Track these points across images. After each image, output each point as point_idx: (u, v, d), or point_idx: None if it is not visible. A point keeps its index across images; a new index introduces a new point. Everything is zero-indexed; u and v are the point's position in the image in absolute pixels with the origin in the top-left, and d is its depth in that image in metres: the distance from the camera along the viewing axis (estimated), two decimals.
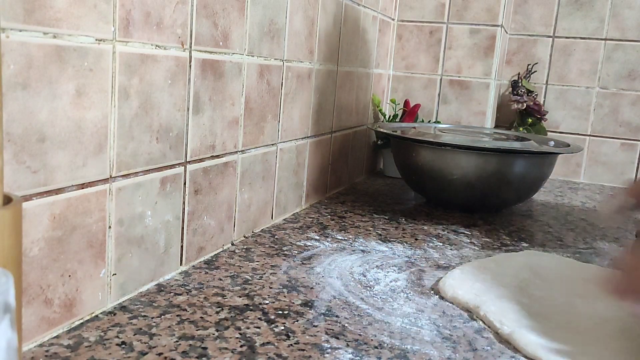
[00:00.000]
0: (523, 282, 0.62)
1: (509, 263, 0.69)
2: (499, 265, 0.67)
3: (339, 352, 0.46)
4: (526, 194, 0.99)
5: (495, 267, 0.66)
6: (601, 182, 1.41)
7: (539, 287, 0.61)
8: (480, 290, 0.59)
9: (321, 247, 0.72)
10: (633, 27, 1.35)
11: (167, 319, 0.49)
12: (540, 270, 0.67)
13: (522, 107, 1.37)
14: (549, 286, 0.62)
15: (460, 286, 0.60)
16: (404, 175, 1.04)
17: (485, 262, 0.68)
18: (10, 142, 0.39)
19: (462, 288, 0.59)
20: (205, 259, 0.64)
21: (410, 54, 1.32)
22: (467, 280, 0.61)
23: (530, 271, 0.66)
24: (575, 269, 0.69)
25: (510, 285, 0.61)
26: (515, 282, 0.62)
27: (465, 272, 0.64)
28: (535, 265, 0.68)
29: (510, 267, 0.67)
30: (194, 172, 0.61)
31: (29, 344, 0.43)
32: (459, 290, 0.59)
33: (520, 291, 0.60)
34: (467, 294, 0.58)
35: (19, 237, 0.28)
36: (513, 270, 0.66)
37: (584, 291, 0.61)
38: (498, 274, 0.64)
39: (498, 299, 0.57)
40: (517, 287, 0.61)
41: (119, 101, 0.48)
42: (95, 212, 0.47)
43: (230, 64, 0.65)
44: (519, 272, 0.65)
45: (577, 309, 0.57)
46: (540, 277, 0.65)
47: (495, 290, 0.59)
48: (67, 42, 0.42)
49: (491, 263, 0.68)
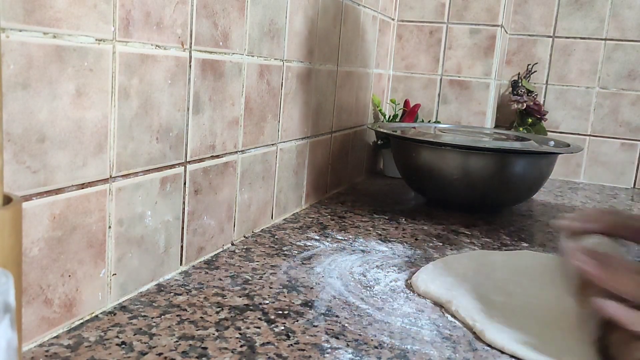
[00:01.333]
0: (501, 280, 0.63)
1: (483, 260, 0.69)
2: (472, 261, 0.68)
3: (339, 352, 0.46)
4: (526, 194, 0.99)
5: (468, 262, 0.67)
6: (601, 182, 1.41)
7: (521, 285, 0.61)
8: (452, 285, 0.59)
9: (321, 247, 0.72)
10: (633, 27, 1.35)
11: (167, 319, 0.49)
12: (527, 269, 0.67)
13: (522, 107, 1.37)
14: (535, 284, 0.62)
15: (433, 281, 0.60)
16: (404, 175, 1.04)
17: (460, 257, 0.69)
18: (10, 142, 0.39)
19: (434, 283, 0.60)
20: (205, 259, 0.64)
21: (410, 54, 1.32)
22: (439, 276, 0.62)
23: (512, 269, 0.66)
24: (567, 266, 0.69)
25: (485, 282, 0.61)
26: (491, 279, 0.62)
27: (438, 267, 0.65)
28: (520, 264, 0.69)
29: (485, 265, 0.67)
30: (194, 172, 0.61)
31: (29, 344, 0.43)
32: (431, 284, 0.59)
33: (496, 288, 0.60)
34: (439, 288, 0.59)
35: (19, 237, 0.28)
36: (488, 267, 0.66)
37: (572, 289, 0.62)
38: (472, 270, 0.64)
39: (469, 294, 0.57)
40: (493, 284, 0.61)
41: (119, 101, 0.48)
42: (95, 212, 0.47)
43: (230, 64, 0.65)
44: (496, 270, 0.66)
45: (564, 307, 0.57)
46: (525, 275, 0.65)
47: (466, 285, 0.60)
48: (67, 42, 0.42)
49: (464, 259, 0.68)
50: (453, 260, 0.68)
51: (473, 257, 0.70)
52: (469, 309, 0.54)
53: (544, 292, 0.60)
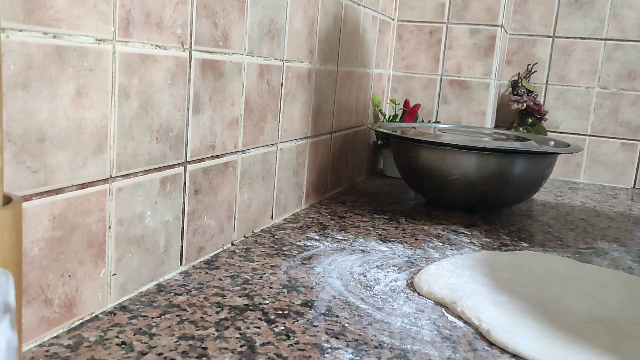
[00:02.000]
0: (505, 280, 0.63)
1: (486, 260, 0.69)
2: (475, 261, 0.68)
3: (339, 352, 0.46)
4: (526, 194, 0.99)
5: (473, 264, 0.67)
6: (601, 182, 1.41)
7: (524, 286, 0.62)
8: (455, 286, 0.59)
9: (321, 247, 0.72)
10: (633, 27, 1.35)
11: (167, 319, 0.49)
12: (529, 269, 0.67)
13: (522, 107, 1.37)
14: (537, 284, 0.62)
15: (436, 281, 0.60)
16: (404, 175, 1.04)
17: (463, 258, 0.69)
18: (10, 142, 0.39)
19: (437, 283, 0.60)
20: (205, 259, 0.64)
21: (410, 54, 1.32)
22: (441, 276, 0.62)
23: (516, 270, 0.66)
24: (572, 268, 0.69)
25: (490, 283, 0.61)
26: (495, 280, 0.62)
27: (441, 267, 0.64)
28: (524, 264, 0.69)
29: (490, 266, 0.67)
30: (194, 172, 0.61)
31: (29, 344, 0.43)
32: (434, 285, 0.59)
33: (498, 288, 0.60)
34: (443, 289, 0.58)
35: (19, 237, 0.28)
36: (492, 269, 0.66)
37: (576, 290, 0.61)
38: (477, 271, 0.64)
39: (474, 295, 0.57)
40: (497, 284, 0.61)
41: (119, 101, 0.48)
42: (95, 212, 0.47)
43: (230, 64, 0.65)
44: (501, 271, 0.65)
45: (567, 307, 0.57)
46: (528, 276, 0.65)
47: (471, 286, 0.60)
48: (67, 42, 0.42)
49: (468, 260, 0.68)
50: (456, 261, 0.68)
51: (475, 258, 0.70)
52: (475, 309, 0.54)
53: (547, 292, 0.60)
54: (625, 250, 0.83)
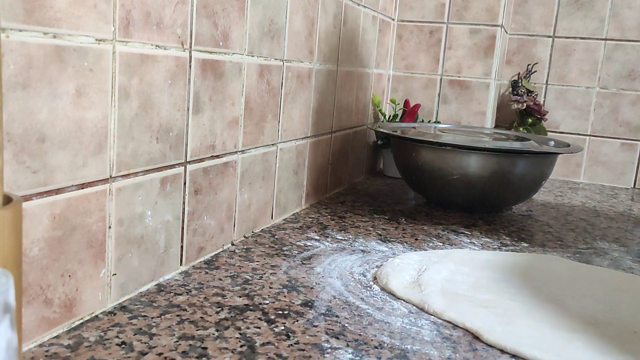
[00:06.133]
0: (483, 279, 0.63)
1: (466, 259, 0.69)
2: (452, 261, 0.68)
3: (339, 352, 0.46)
4: (526, 194, 0.99)
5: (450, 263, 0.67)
6: (601, 182, 1.41)
7: (516, 286, 0.61)
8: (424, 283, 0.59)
9: (321, 247, 0.72)
10: (633, 27, 1.35)
11: (167, 319, 0.49)
12: (530, 270, 0.67)
13: (522, 107, 1.37)
14: (537, 285, 0.62)
15: (396, 276, 0.60)
16: (404, 175, 1.04)
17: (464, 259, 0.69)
18: (10, 142, 0.39)
19: (397, 278, 0.59)
20: (205, 259, 0.64)
21: (410, 54, 1.32)
22: (405, 271, 0.61)
23: (499, 268, 0.66)
24: (572, 268, 0.69)
25: (464, 280, 0.61)
26: (471, 279, 0.62)
27: (405, 260, 0.64)
28: (523, 264, 0.69)
29: (466, 264, 0.67)
30: (194, 172, 0.61)
31: (29, 344, 0.43)
32: (394, 280, 0.59)
33: (481, 287, 0.60)
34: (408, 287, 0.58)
35: (19, 237, 0.28)
36: (469, 267, 0.66)
37: (574, 290, 0.61)
38: (450, 269, 0.65)
39: (440, 293, 0.57)
40: (476, 282, 0.61)
41: (119, 101, 0.48)
42: (95, 212, 0.47)
43: (230, 64, 0.65)
44: (477, 269, 0.66)
45: (566, 308, 0.57)
46: (528, 276, 0.65)
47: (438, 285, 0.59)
48: (67, 42, 0.42)
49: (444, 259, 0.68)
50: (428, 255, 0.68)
51: (446, 255, 0.70)
52: (443, 306, 0.54)
53: (547, 291, 0.60)
54: (625, 250, 0.83)
